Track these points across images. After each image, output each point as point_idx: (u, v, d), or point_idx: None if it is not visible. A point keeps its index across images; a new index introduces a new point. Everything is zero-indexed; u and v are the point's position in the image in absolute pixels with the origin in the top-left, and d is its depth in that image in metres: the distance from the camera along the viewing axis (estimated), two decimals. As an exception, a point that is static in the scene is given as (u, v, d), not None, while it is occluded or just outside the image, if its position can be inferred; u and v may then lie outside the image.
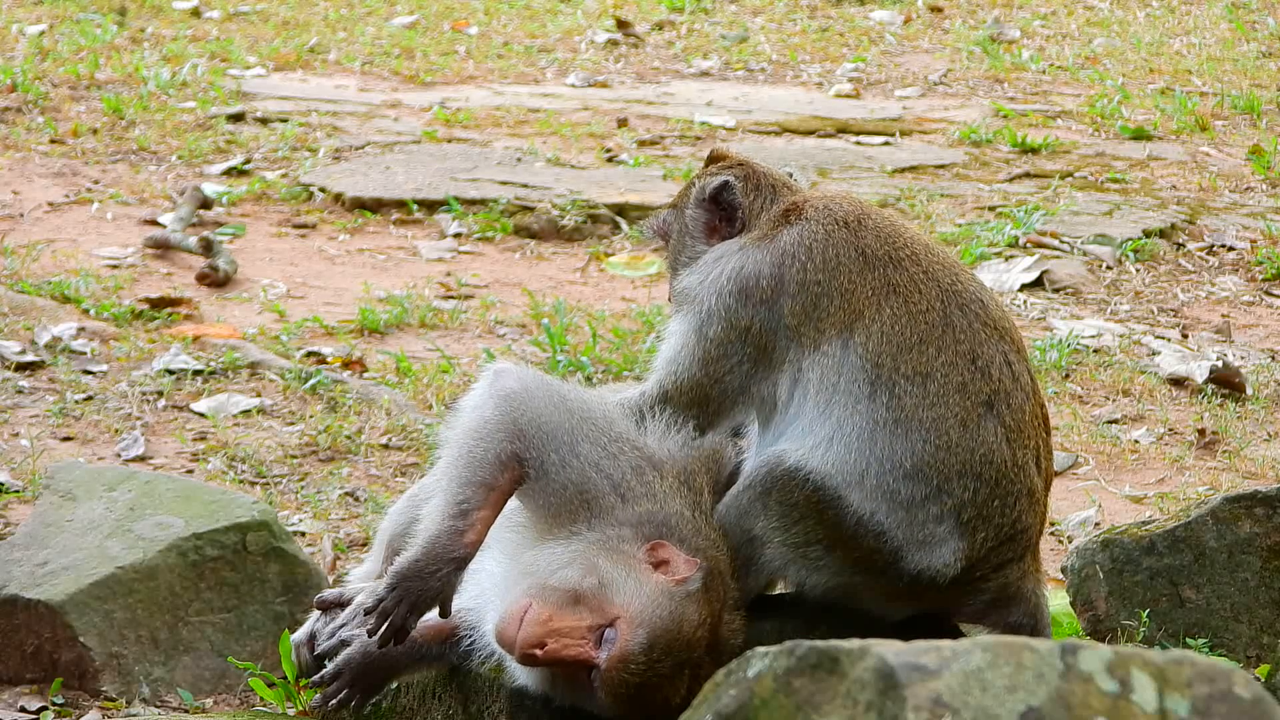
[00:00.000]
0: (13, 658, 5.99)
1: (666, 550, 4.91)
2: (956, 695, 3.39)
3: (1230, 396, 8.71)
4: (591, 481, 5.02)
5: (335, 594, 5.59)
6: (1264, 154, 12.49)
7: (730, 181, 5.41)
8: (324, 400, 8.32)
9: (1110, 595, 5.83)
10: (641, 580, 4.84)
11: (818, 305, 5.14)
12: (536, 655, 4.77)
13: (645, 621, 4.79)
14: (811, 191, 5.45)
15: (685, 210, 5.48)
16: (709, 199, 5.42)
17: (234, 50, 14.69)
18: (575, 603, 4.81)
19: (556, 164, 11.97)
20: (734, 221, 5.40)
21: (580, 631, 4.79)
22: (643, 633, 4.78)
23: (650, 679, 4.79)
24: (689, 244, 5.45)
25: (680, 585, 4.85)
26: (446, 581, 4.99)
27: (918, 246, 5.23)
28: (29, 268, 9.86)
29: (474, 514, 5.00)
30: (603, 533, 4.94)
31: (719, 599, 4.93)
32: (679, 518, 4.99)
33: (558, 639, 4.77)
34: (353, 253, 10.53)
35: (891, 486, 5.05)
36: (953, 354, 5.11)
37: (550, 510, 5.04)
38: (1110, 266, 10.36)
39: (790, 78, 14.88)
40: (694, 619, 4.84)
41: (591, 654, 4.79)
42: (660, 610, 4.81)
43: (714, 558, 4.97)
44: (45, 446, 7.75)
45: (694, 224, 5.45)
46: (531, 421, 5.05)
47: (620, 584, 4.83)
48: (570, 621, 4.79)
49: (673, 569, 4.88)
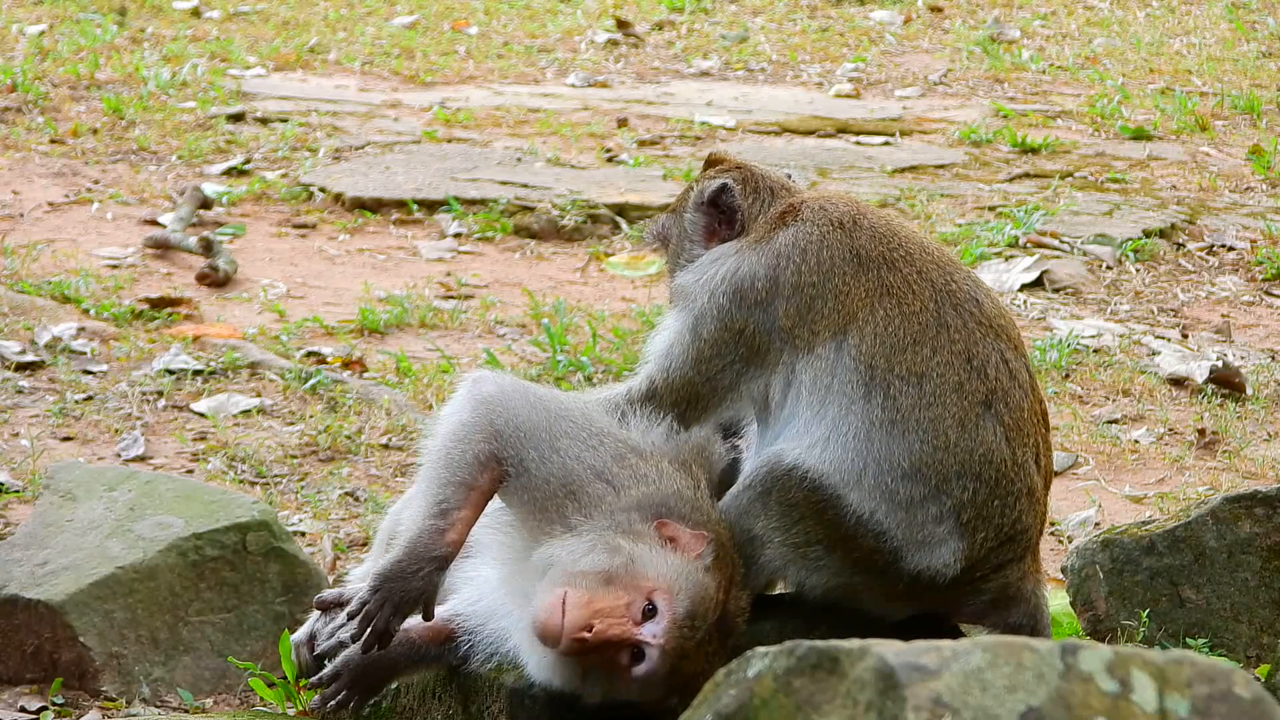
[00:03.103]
0: (13, 658, 5.99)
1: (671, 528, 4.95)
2: (956, 695, 3.39)
3: (1230, 396, 8.71)
4: (574, 473, 5.04)
5: (335, 594, 5.59)
6: (1264, 154, 12.49)
7: (729, 184, 5.41)
8: (324, 400, 8.32)
9: (1110, 595, 5.83)
10: (665, 555, 4.89)
11: (812, 307, 5.15)
12: (586, 638, 4.76)
13: (683, 589, 4.85)
14: (809, 192, 5.45)
15: (684, 214, 5.49)
16: (707, 202, 5.43)
17: (234, 50, 14.69)
18: (609, 584, 4.84)
19: (556, 164, 11.97)
20: (733, 224, 5.40)
21: (621, 610, 4.81)
22: (685, 600, 4.84)
23: (692, 649, 4.84)
24: (688, 247, 5.46)
25: (697, 559, 4.90)
26: (428, 581, 4.99)
27: (912, 246, 5.22)
28: (29, 268, 9.86)
29: (454, 514, 5.01)
30: (610, 519, 4.98)
31: (728, 573, 4.98)
32: (677, 497, 5.03)
33: (603, 619, 4.78)
34: (353, 253, 10.53)
35: (890, 487, 5.05)
36: (948, 354, 5.10)
37: (537, 506, 5.06)
38: (1110, 266, 10.36)
39: (790, 78, 14.88)
40: (713, 590, 4.90)
41: (635, 632, 4.81)
42: (692, 579, 4.87)
43: (718, 532, 5.02)
44: (45, 446, 7.75)
45: (693, 227, 5.46)
46: (509, 422, 5.09)
47: (649, 560, 4.87)
48: (610, 601, 4.81)
49: (683, 545, 4.93)
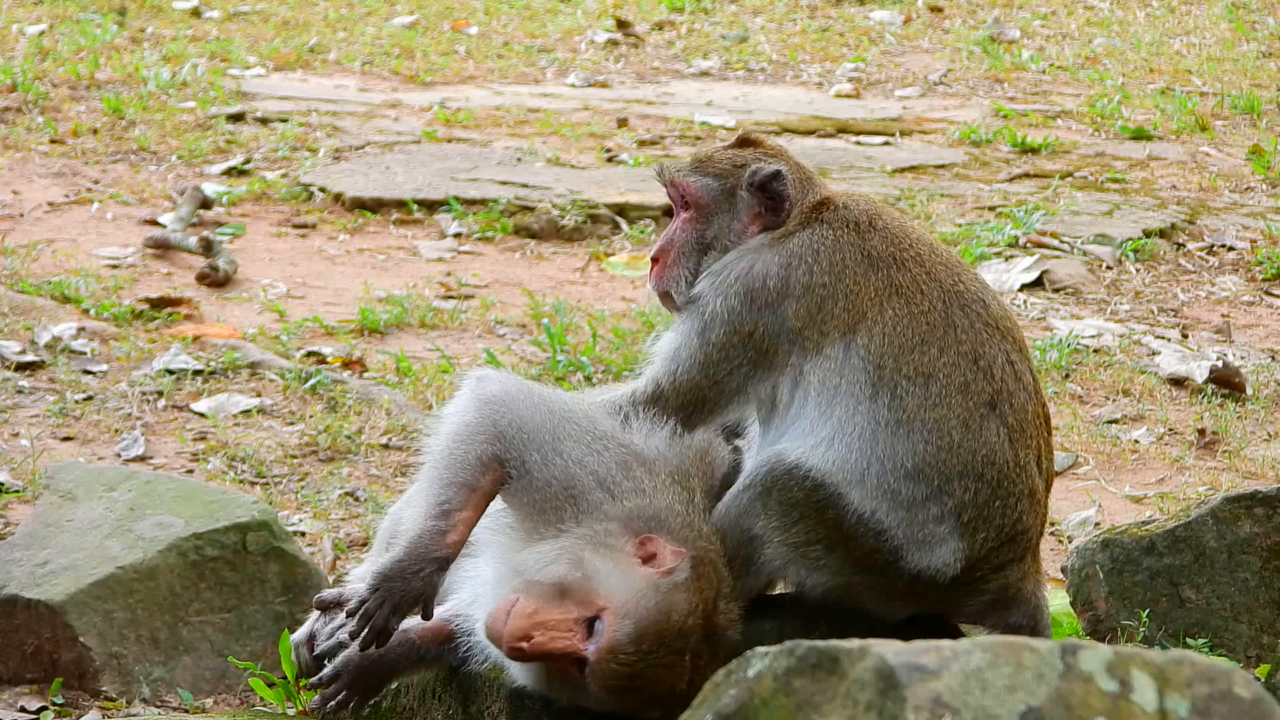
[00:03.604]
0: (13, 658, 5.98)
1: (654, 544, 4.91)
2: (956, 695, 3.39)
3: (1230, 396, 8.70)
4: (576, 478, 5.03)
5: (335, 594, 5.58)
6: (1264, 154, 12.49)
7: (783, 172, 5.30)
8: (324, 400, 8.32)
9: (1110, 595, 5.83)
10: (627, 572, 4.85)
11: (822, 308, 5.13)
12: (524, 649, 4.78)
13: (631, 612, 4.79)
14: (834, 191, 5.37)
15: (736, 191, 5.33)
16: (758, 186, 5.31)
17: (234, 50, 14.69)
18: (561, 596, 4.82)
19: (556, 164, 11.97)
20: (778, 212, 5.31)
21: (567, 624, 4.79)
22: (629, 623, 4.78)
23: (644, 669, 4.79)
24: (728, 226, 5.33)
25: (667, 576, 4.85)
26: (428, 582, 4.98)
27: (922, 247, 5.21)
28: (29, 268, 9.85)
29: (455, 515, 5.01)
30: (590, 528, 4.95)
31: (711, 588, 4.92)
32: (668, 511, 4.99)
33: (544, 631, 4.77)
34: (353, 253, 10.53)
35: (892, 486, 5.04)
36: (955, 354, 5.10)
37: (536, 509, 5.04)
38: (1110, 266, 10.36)
39: (790, 78, 14.88)
40: (683, 608, 4.83)
41: (579, 646, 4.79)
42: (646, 601, 4.81)
43: (703, 548, 4.97)
44: (45, 446, 7.74)
45: (743, 206, 5.32)
46: (512, 423, 5.07)
47: (605, 576, 4.83)
48: (556, 614, 4.79)
49: (660, 560, 4.88)
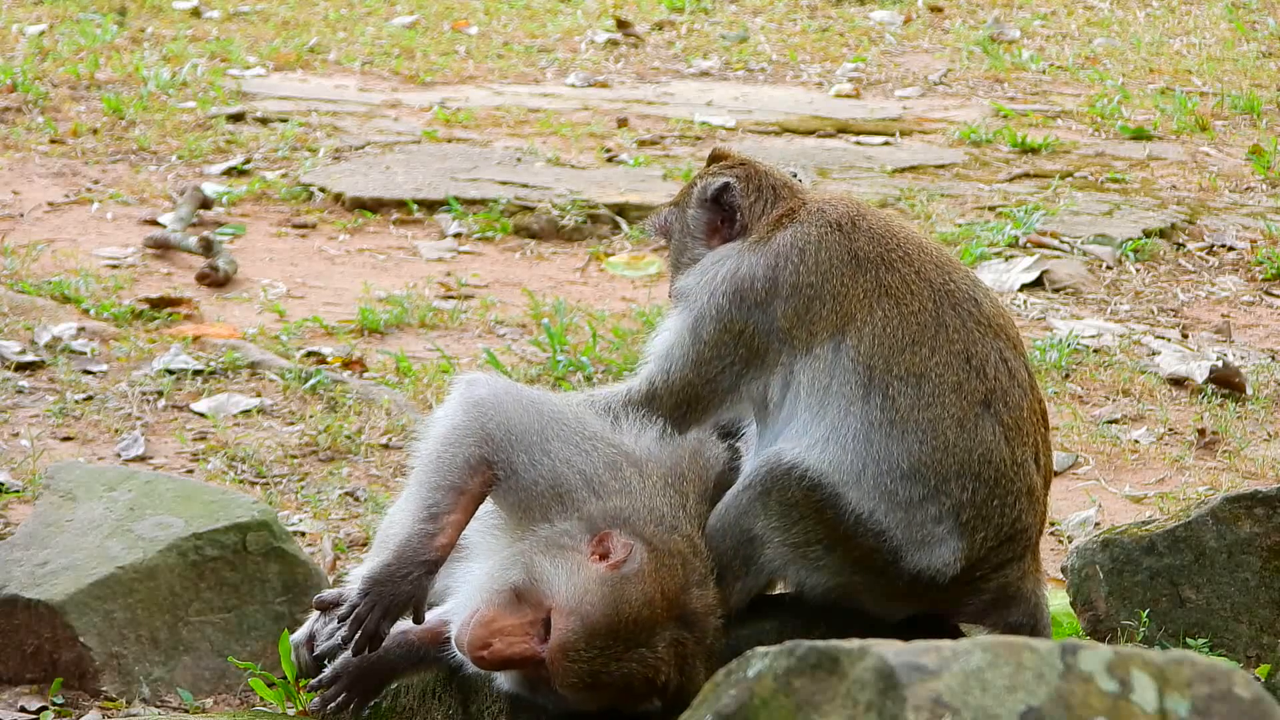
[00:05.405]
0: (13, 658, 5.98)
1: (610, 539, 4.90)
2: (956, 695, 3.39)
3: (1230, 396, 8.70)
4: (563, 478, 5.03)
5: (334, 594, 5.58)
6: (1264, 154, 12.49)
7: (731, 183, 5.41)
8: (324, 400, 8.32)
9: (1110, 595, 5.83)
10: (573, 570, 4.85)
11: (810, 308, 5.15)
12: (485, 656, 4.81)
13: (576, 609, 4.79)
14: (811, 193, 5.44)
15: (687, 210, 5.49)
16: (710, 200, 5.43)
17: (234, 50, 14.69)
18: (517, 601, 4.85)
19: (556, 164, 11.97)
20: (734, 223, 5.40)
21: (522, 629, 4.81)
22: (575, 620, 4.78)
23: (604, 665, 4.79)
24: (690, 244, 5.46)
25: (615, 570, 4.84)
26: (417, 585, 4.99)
27: (911, 247, 5.22)
28: (29, 268, 9.85)
29: (444, 518, 5.01)
30: (550, 530, 4.96)
31: (676, 577, 4.90)
32: (634, 508, 4.98)
33: (502, 638, 4.80)
34: (353, 253, 10.53)
35: (889, 487, 5.05)
36: (946, 354, 5.10)
37: (525, 510, 5.05)
38: (1110, 266, 10.36)
39: (790, 78, 14.88)
40: (635, 599, 4.81)
41: (535, 649, 4.81)
42: (590, 596, 4.80)
43: (667, 540, 4.94)
44: (45, 446, 7.75)
45: (695, 224, 5.46)
46: (500, 426, 5.07)
47: (552, 576, 4.84)
48: (512, 620, 4.82)
49: (612, 555, 4.88)
